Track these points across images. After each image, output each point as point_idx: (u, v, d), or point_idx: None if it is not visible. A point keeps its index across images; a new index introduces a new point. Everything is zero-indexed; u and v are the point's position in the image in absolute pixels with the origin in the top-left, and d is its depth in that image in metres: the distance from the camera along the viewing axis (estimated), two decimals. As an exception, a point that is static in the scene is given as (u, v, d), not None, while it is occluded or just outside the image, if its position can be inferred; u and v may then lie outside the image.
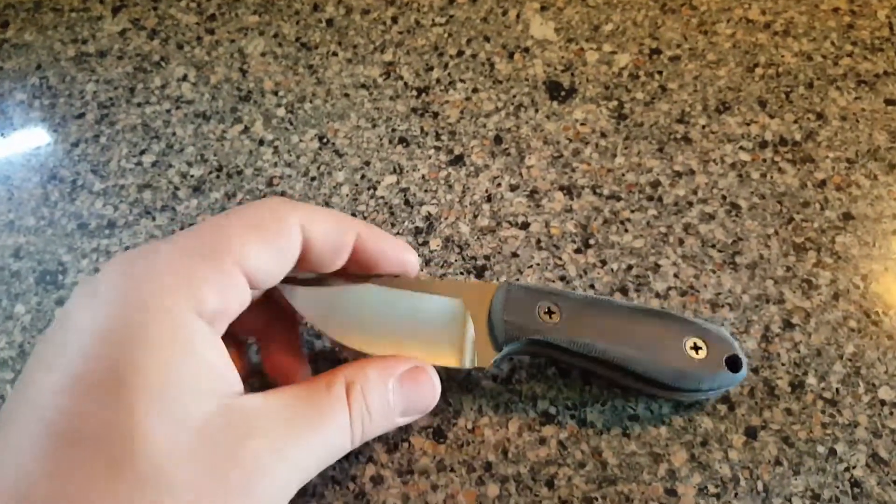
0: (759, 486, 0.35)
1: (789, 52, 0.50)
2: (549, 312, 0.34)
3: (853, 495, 0.34)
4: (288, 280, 0.35)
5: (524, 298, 0.34)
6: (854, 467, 0.35)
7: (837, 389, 0.37)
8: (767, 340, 0.39)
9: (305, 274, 0.35)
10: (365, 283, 0.34)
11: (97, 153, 0.47)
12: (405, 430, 0.37)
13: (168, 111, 0.49)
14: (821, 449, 0.36)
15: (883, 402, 0.37)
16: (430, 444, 0.37)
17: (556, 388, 0.38)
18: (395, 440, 0.37)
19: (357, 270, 0.34)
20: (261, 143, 0.47)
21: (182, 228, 0.44)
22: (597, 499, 0.35)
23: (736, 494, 0.35)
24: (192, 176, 0.46)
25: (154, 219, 0.44)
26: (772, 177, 0.45)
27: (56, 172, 0.47)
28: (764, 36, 0.51)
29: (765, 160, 0.45)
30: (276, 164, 0.46)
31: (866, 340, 0.39)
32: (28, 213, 0.45)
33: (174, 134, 0.48)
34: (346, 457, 0.37)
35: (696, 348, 0.34)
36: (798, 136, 0.46)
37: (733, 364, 0.34)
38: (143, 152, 0.47)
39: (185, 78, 0.50)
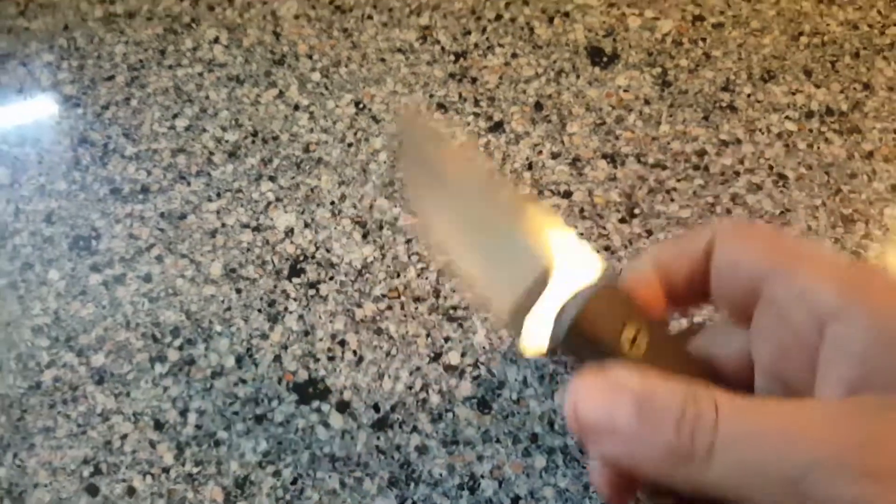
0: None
1: (835, 21, 0.49)
2: (634, 339, 0.25)
3: None
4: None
5: (609, 310, 0.25)
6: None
7: (889, 363, 0.37)
8: (817, 313, 0.38)
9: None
10: (483, 182, 0.29)
11: (128, 116, 0.46)
12: (449, 401, 0.37)
13: (200, 74, 0.47)
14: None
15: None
16: (475, 414, 0.36)
17: (603, 359, 0.37)
18: (438, 410, 0.37)
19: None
20: (296, 107, 0.46)
21: (218, 194, 0.43)
22: (646, 470, 0.35)
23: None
24: (226, 141, 0.45)
25: (189, 184, 0.43)
26: (819, 147, 0.44)
27: (86, 136, 0.46)
28: (808, 4, 0.49)
29: (811, 130, 0.44)
30: (311, 130, 0.45)
31: (917, 314, 0.38)
32: (59, 177, 0.44)
33: (207, 97, 0.47)
34: (391, 426, 0.36)
35: None
36: (845, 107, 0.45)
37: None
38: (175, 116, 0.46)
39: (216, 40, 0.49)
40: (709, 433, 0.19)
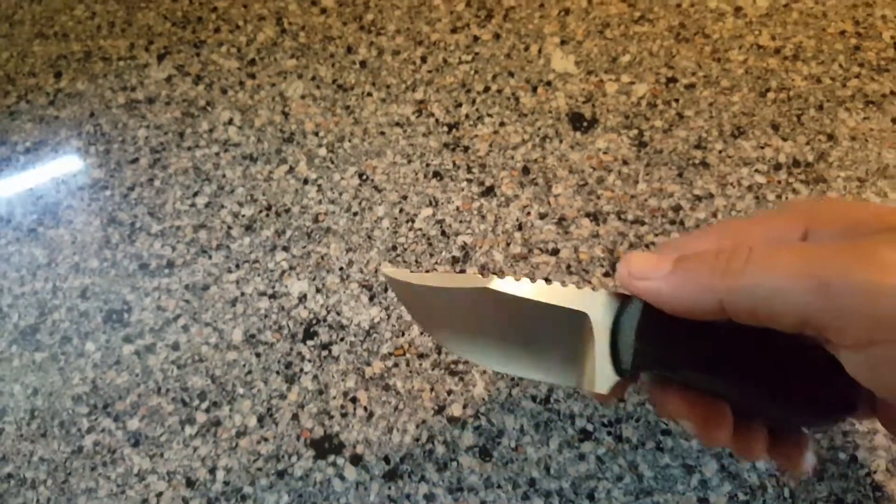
0: (786, 492, 0.38)
1: (799, 76, 0.53)
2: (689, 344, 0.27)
3: (875, 499, 0.37)
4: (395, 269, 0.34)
5: (662, 323, 0.27)
6: (875, 472, 0.38)
7: (856, 400, 0.40)
8: (789, 355, 0.41)
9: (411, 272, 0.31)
10: (482, 284, 0.29)
11: (153, 196, 0.51)
12: (453, 450, 0.40)
13: (217, 154, 0.52)
14: (842, 455, 0.38)
15: (900, 411, 0.39)
16: (478, 462, 0.40)
17: (592, 405, 0.41)
18: (444, 460, 0.40)
19: None
20: (305, 181, 0.50)
21: (237, 266, 0.47)
22: (635, 509, 0.38)
23: (764, 501, 0.37)
24: (243, 215, 0.49)
25: (210, 257, 0.48)
26: (787, 198, 0.47)
27: (115, 216, 0.50)
28: (774, 61, 0.53)
29: (779, 182, 0.48)
30: (320, 202, 0.49)
31: (882, 352, 0.41)
32: (91, 255, 0.48)
33: (224, 176, 0.51)
34: (401, 476, 0.40)
35: None
36: (810, 158, 0.49)
37: None
38: (195, 194, 0.50)
39: (230, 122, 0.53)
40: (742, 256, 0.23)
